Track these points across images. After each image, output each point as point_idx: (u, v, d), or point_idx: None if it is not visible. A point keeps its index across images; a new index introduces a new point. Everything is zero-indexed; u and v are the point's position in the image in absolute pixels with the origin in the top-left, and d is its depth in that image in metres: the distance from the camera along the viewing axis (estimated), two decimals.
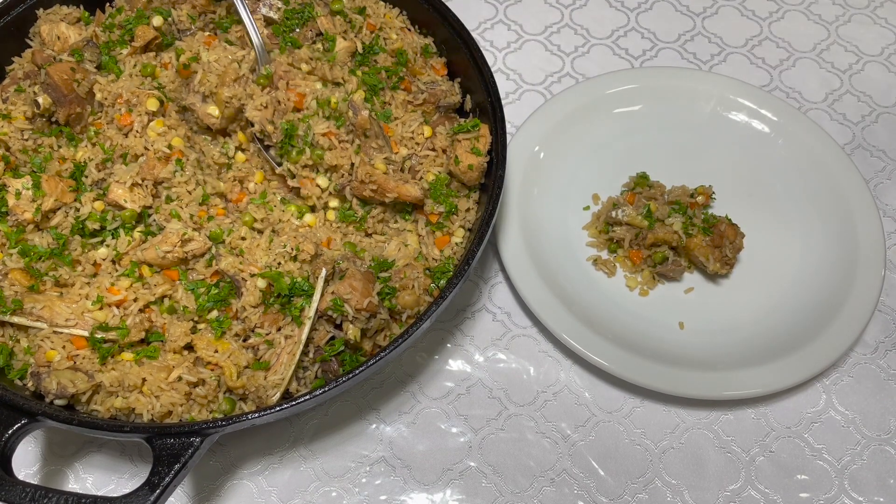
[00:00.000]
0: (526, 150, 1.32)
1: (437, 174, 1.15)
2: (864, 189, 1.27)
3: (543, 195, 1.30)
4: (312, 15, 1.22)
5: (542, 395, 1.15)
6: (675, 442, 1.11)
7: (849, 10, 1.60)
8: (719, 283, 1.24)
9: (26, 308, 0.99)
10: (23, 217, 1.05)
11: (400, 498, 1.07)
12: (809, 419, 1.13)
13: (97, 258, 1.06)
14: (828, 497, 1.07)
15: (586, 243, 1.28)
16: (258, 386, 0.97)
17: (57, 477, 1.08)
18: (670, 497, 1.07)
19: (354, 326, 0.99)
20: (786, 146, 1.35)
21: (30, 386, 0.98)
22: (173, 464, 0.88)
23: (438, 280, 1.08)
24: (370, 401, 1.14)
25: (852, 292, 1.17)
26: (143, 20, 1.21)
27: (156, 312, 1.03)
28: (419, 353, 1.18)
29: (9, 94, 1.16)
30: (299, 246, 1.03)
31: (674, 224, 1.21)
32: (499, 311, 1.23)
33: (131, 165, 1.10)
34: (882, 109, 1.46)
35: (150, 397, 0.97)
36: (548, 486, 1.08)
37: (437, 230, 1.12)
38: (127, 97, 1.13)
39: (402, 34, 1.27)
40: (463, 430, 1.12)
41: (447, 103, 1.23)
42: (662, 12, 1.60)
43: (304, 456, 1.10)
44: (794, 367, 1.10)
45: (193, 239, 1.05)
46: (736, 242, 1.20)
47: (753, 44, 1.56)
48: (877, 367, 1.18)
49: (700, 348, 1.16)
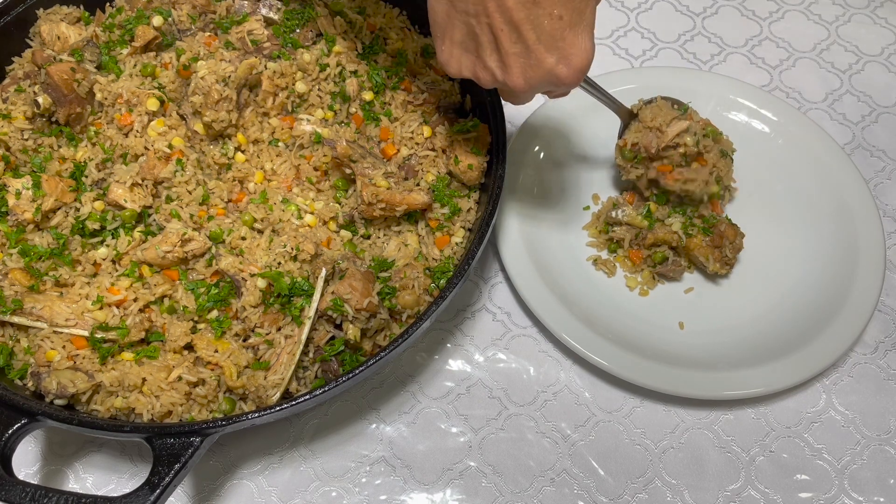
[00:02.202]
0: (526, 150, 1.32)
1: (438, 174, 1.15)
2: (864, 189, 1.27)
3: (543, 195, 1.30)
4: (313, 15, 1.22)
5: (542, 394, 1.15)
6: (675, 442, 1.11)
7: (849, 10, 1.60)
8: (719, 282, 1.24)
9: (26, 308, 0.99)
10: (23, 217, 1.05)
11: (400, 498, 1.07)
12: (809, 419, 1.13)
13: (97, 258, 1.06)
14: (828, 497, 1.07)
15: (586, 243, 1.28)
16: (258, 386, 0.97)
17: (57, 477, 1.08)
18: (670, 497, 1.07)
19: (354, 326, 0.99)
20: (786, 146, 1.35)
21: (30, 386, 0.98)
22: (173, 464, 0.88)
23: (438, 280, 1.08)
24: (370, 401, 1.14)
25: (852, 292, 1.17)
26: (144, 20, 1.21)
27: (156, 312, 1.03)
28: (419, 353, 1.18)
29: (9, 94, 1.16)
30: (299, 246, 1.03)
31: (673, 224, 1.21)
32: (499, 311, 1.23)
33: (131, 165, 1.10)
34: (882, 109, 1.46)
35: (150, 397, 0.97)
36: (548, 485, 1.08)
37: (438, 230, 1.12)
38: (127, 97, 1.13)
39: (402, 34, 1.27)
40: (463, 429, 1.12)
41: (447, 103, 1.23)
42: (662, 12, 1.60)
43: (304, 456, 1.10)
44: (794, 367, 1.10)
45: (193, 239, 1.05)
46: (736, 243, 1.20)
47: (753, 44, 1.56)
48: (877, 367, 1.18)
49: (700, 348, 1.16)
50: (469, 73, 0.93)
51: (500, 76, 0.90)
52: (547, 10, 0.83)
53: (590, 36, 0.87)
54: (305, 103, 1.19)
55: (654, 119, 1.19)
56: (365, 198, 1.07)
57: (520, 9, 0.82)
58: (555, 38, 0.85)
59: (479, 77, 0.93)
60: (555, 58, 0.86)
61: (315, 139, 1.15)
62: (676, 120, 1.19)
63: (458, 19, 0.88)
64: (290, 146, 1.17)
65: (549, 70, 0.87)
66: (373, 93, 1.20)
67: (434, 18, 0.91)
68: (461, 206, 1.14)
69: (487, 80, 0.92)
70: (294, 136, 1.16)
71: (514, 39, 0.85)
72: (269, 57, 1.19)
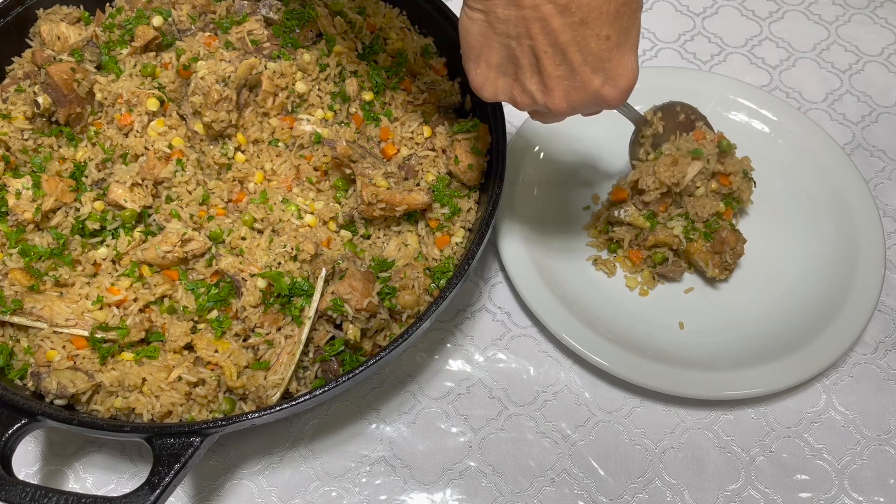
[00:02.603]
0: (526, 150, 1.32)
1: (438, 174, 1.15)
2: (864, 189, 1.27)
3: (543, 195, 1.30)
4: (313, 15, 1.23)
5: (542, 394, 1.15)
6: (675, 442, 1.11)
7: (849, 10, 1.60)
8: (719, 283, 1.24)
9: (26, 308, 0.99)
10: (23, 217, 1.05)
11: (400, 498, 1.07)
12: (809, 419, 1.13)
13: (97, 258, 1.06)
14: (828, 497, 1.07)
15: (586, 243, 1.28)
16: (258, 386, 0.97)
17: (57, 477, 1.08)
18: (670, 497, 1.07)
19: (354, 326, 0.99)
20: (786, 146, 1.35)
21: (30, 386, 0.98)
22: (173, 464, 0.88)
23: (438, 280, 1.08)
24: (370, 401, 1.14)
25: (852, 292, 1.17)
26: (143, 20, 1.21)
27: (156, 312, 1.03)
28: (419, 353, 1.18)
29: (9, 94, 1.16)
30: (299, 246, 1.03)
31: (675, 228, 1.20)
32: (499, 311, 1.23)
33: (131, 165, 1.10)
34: (882, 109, 1.46)
35: (150, 397, 0.97)
36: (548, 485, 1.08)
37: (438, 230, 1.12)
38: (127, 97, 1.13)
39: (402, 34, 1.27)
40: (463, 429, 1.12)
41: (447, 103, 1.23)
42: (662, 12, 1.60)
43: (304, 456, 1.10)
44: (794, 367, 1.10)
45: (193, 239, 1.05)
46: (737, 249, 1.19)
47: (753, 44, 1.56)
48: (877, 367, 1.18)
49: (700, 348, 1.16)
50: (506, 97, 0.89)
51: (540, 99, 0.86)
52: (595, 30, 0.79)
53: (635, 55, 0.84)
54: (305, 103, 1.19)
55: (672, 175, 1.19)
56: (365, 198, 1.07)
57: (566, 30, 0.78)
58: (602, 59, 0.81)
59: (516, 101, 0.89)
60: (601, 79, 0.83)
61: (315, 139, 1.15)
62: (692, 163, 1.19)
63: (497, 41, 0.83)
64: (290, 146, 1.17)
65: (594, 92, 0.84)
66: (373, 93, 1.20)
67: (467, 40, 0.85)
68: (461, 206, 1.14)
69: (526, 103, 0.88)
70: (294, 136, 1.16)
71: (558, 62, 0.81)
72: (269, 57, 1.19)
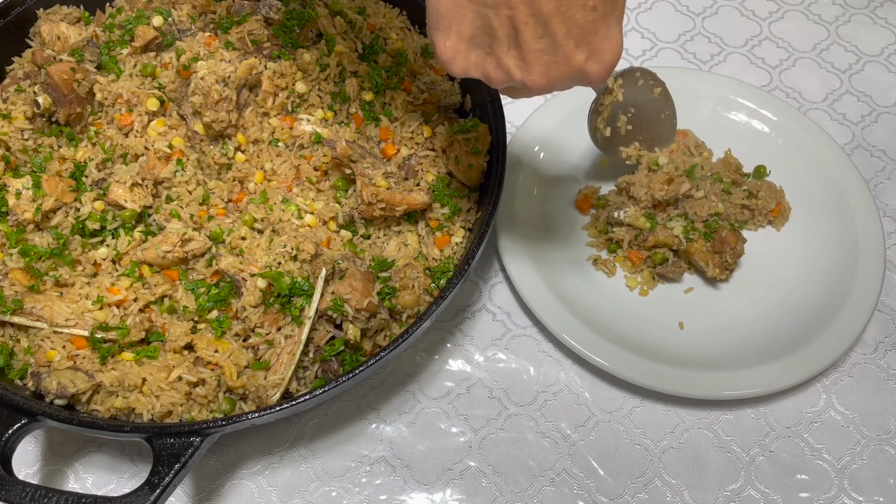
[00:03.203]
0: (526, 150, 1.32)
1: (438, 174, 1.15)
2: (864, 189, 1.27)
3: (543, 195, 1.30)
4: (313, 15, 1.23)
5: (542, 394, 1.15)
6: (675, 442, 1.11)
7: (849, 10, 1.60)
8: (719, 283, 1.24)
9: (26, 308, 0.99)
10: (23, 217, 1.05)
11: (400, 497, 1.07)
12: (809, 419, 1.13)
13: (97, 258, 1.06)
14: (828, 497, 1.07)
15: (586, 243, 1.28)
16: (258, 386, 0.97)
17: (57, 477, 1.08)
18: (670, 497, 1.07)
19: (354, 326, 1.00)
20: (786, 146, 1.35)
21: (30, 386, 0.98)
22: (173, 464, 0.88)
23: (438, 280, 1.08)
24: (370, 401, 1.14)
25: (852, 292, 1.17)
26: (143, 20, 1.21)
27: (156, 312, 1.03)
28: (419, 353, 1.18)
29: (9, 94, 1.16)
30: (299, 246, 1.03)
31: (675, 228, 1.20)
32: (499, 311, 1.23)
33: (131, 165, 1.10)
34: (882, 109, 1.46)
35: (150, 397, 0.97)
36: (548, 485, 1.08)
37: (438, 230, 1.12)
38: (127, 97, 1.13)
39: (402, 34, 1.27)
40: (463, 429, 1.12)
41: (447, 103, 1.23)
42: (662, 12, 1.60)
43: (304, 456, 1.10)
44: (794, 367, 1.10)
45: (193, 239, 1.05)
46: (737, 249, 1.18)
47: (753, 44, 1.56)
48: (877, 367, 1.18)
49: (700, 348, 1.16)
50: (478, 73, 0.82)
51: (517, 75, 0.80)
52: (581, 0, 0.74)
53: (620, 28, 0.79)
54: (305, 103, 1.19)
55: (666, 193, 1.20)
56: (365, 198, 1.07)
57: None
58: (586, 31, 0.76)
59: (489, 76, 0.82)
60: (584, 54, 0.77)
61: (315, 139, 1.15)
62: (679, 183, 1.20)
63: (471, 10, 0.76)
64: (290, 146, 1.17)
65: (577, 68, 0.79)
66: (373, 93, 1.20)
67: (436, 8, 0.78)
68: (461, 206, 1.14)
69: (500, 79, 0.82)
70: (294, 136, 1.16)
71: (539, 34, 0.75)
72: (269, 57, 1.19)
